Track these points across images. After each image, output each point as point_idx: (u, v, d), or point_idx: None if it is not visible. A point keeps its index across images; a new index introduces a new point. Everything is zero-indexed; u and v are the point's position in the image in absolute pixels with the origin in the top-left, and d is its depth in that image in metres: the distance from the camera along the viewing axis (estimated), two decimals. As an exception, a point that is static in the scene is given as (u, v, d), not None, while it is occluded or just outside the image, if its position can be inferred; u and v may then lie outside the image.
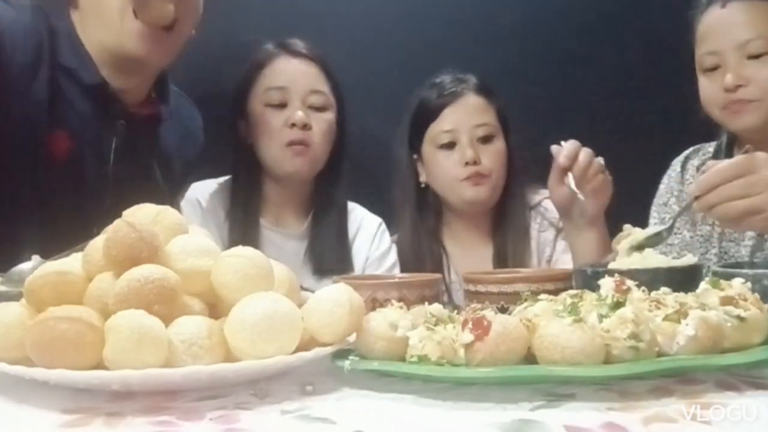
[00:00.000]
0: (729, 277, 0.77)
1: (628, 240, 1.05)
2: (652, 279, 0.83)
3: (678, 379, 0.66)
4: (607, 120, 1.90)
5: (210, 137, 1.57)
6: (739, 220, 1.07)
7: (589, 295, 0.74)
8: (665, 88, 1.84)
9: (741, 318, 0.68)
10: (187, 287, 0.69)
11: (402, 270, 1.59)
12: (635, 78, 1.90)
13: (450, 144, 1.58)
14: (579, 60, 1.91)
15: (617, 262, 1.01)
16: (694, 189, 1.10)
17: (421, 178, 1.65)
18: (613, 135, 1.87)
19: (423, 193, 1.66)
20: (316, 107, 1.53)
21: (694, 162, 1.58)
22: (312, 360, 0.69)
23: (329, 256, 1.55)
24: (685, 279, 0.86)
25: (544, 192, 1.64)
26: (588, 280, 0.91)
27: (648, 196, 1.60)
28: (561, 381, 0.64)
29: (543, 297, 0.76)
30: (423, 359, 0.66)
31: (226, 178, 1.60)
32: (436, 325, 0.68)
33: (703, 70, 1.41)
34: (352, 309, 0.70)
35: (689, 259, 0.96)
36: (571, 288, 0.89)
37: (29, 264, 0.91)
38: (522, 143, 1.66)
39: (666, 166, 1.62)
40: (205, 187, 1.59)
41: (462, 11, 1.94)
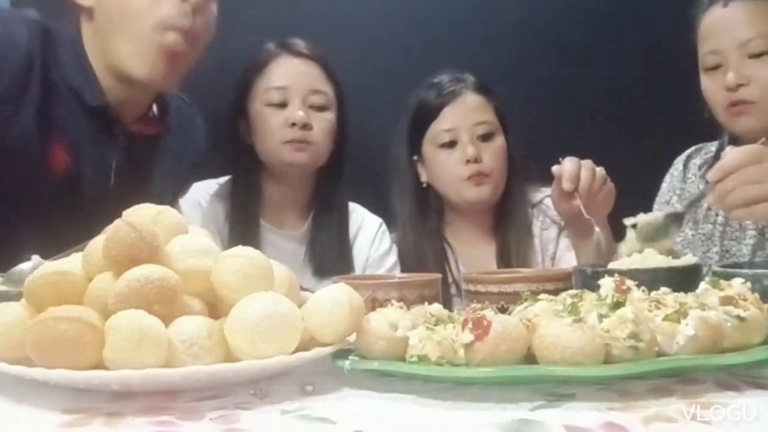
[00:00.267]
0: (729, 277, 0.77)
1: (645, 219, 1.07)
2: (652, 279, 0.83)
3: (678, 379, 0.66)
4: (608, 119, 1.91)
5: (210, 137, 1.57)
6: (753, 205, 1.06)
7: (589, 295, 0.74)
8: (665, 87, 1.84)
9: (741, 318, 0.68)
10: (187, 287, 0.69)
11: (404, 270, 1.59)
12: (635, 78, 1.91)
13: (451, 143, 1.59)
14: (579, 60, 1.92)
15: (617, 261, 1.00)
16: (712, 175, 1.09)
17: (422, 178, 1.65)
18: (614, 134, 1.88)
19: (424, 193, 1.66)
20: (316, 107, 1.53)
21: (696, 161, 1.58)
22: (312, 360, 0.69)
23: (329, 256, 1.55)
24: (685, 279, 0.86)
25: (545, 190, 1.64)
26: (588, 280, 0.91)
27: (649, 195, 1.61)
28: (561, 381, 0.64)
29: (543, 297, 0.76)
30: (423, 359, 0.66)
31: (226, 178, 1.60)
32: (436, 325, 0.68)
33: (705, 69, 1.41)
34: (352, 309, 0.70)
35: (689, 259, 0.95)
36: (571, 288, 0.90)
37: (29, 264, 0.91)
38: (522, 143, 1.66)
39: (666, 165, 1.62)
40: (205, 188, 1.59)
41: (462, 11, 1.94)
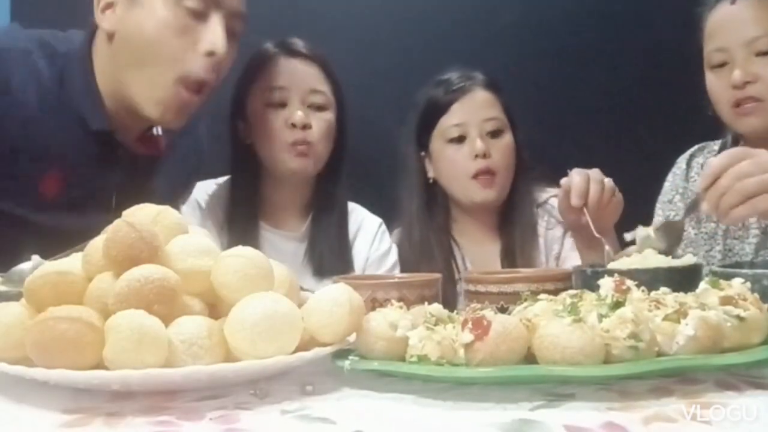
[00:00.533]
0: (728, 277, 0.77)
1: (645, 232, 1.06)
2: (651, 279, 0.83)
3: (678, 379, 0.66)
4: (609, 119, 1.90)
5: (209, 137, 1.57)
6: (753, 198, 1.04)
7: (589, 295, 0.74)
8: (666, 86, 1.84)
9: (741, 318, 0.68)
10: (187, 287, 0.69)
11: (411, 266, 1.59)
12: (636, 77, 1.91)
13: (459, 138, 1.59)
14: (579, 59, 1.92)
15: (617, 261, 1.01)
16: (701, 182, 1.08)
17: (429, 174, 1.66)
18: (614, 134, 1.88)
19: (431, 190, 1.67)
20: (316, 107, 1.53)
21: (699, 160, 1.58)
22: (312, 360, 0.69)
23: (329, 257, 1.55)
24: (685, 279, 0.86)
25: (550, 190, 1.64)
26: (588, 280, 0.91)
27: (650, 195, 1.60)
28: (561, 381, 0.64)
29: (543, 297, 0.76)
30: (423, 359, 0.66)
31: (225, 178, 1.60)
32: (436, 325, 0.68)
33: (711, 66, 1.39)
34: (352, 309, 0.70)
35: (689, 259, 0.96)
36: (571, 288, 0.90)
37: (29, 264, 0.91)
38: (524, 143, 1.66)
39: (667, 164, 1.62)
40: (205, 188, 1.59)
41: (462, 11, 1.94)
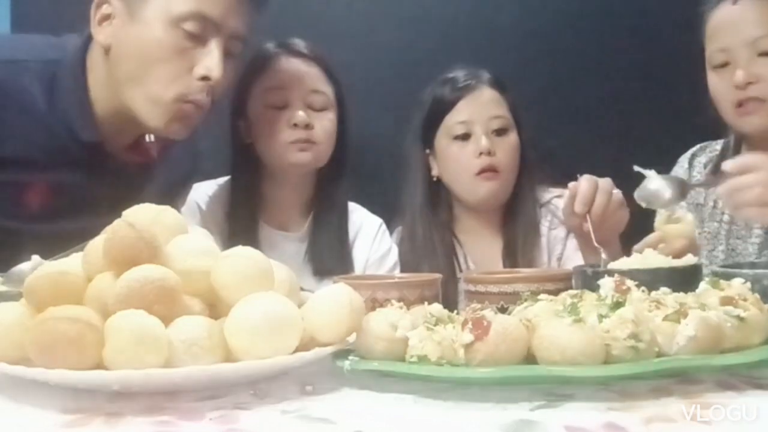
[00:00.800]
0: (729, 277, 0.77)
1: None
2: (652, 279, 0.83)
3: (678, 379, 0.66)
4: (609, 118, 1.90)
5: (209, 137, 1.57)
6: (767, 207, 1.06)
7: (589, 295, 0.74)
8: (667, 87, 1.84)
9: (741, 318, 0.68)
10: (187, 287, 0.69)
11: (412, 263, 1.59)
12: (637, 77, 1.90)
13: (464, 135, 1.59)
14: (579, 59, 1.91)
15: (617, 261, 1.01)
16: (730, 165, 1.10)
17: (434, 172, 1.66)
18: (615, 134, 1.87)
19: (435, 188, 1.67)
20: (317, 107, 1.53)
21: (701, 159, 1.57)
22: (312, 360, 0.69)
23: (329, 257, 1.55)
24: (685, 279, 0.86)
25: (554, 190, 1.64)
26: (588, 280, 0.91)
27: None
28: (561, 381, 0.64)
29: (543, 297, 0.76)
30: (423, 359, 0.66)
31: (225, 178, 1.60)
32: (436, 325, 0.68)
33: (713, 66, 1.39)
34: (352, 309, 0.70)
35: (689, 259, 0.96)
36: (571, 288, 0.89)
37: (29, 264, 0.91)
38: (529, 142, 1.66)
39: (668, 164, 1.62)
40: (204, 188, 1.59)
41: (463, 12, 1.94)
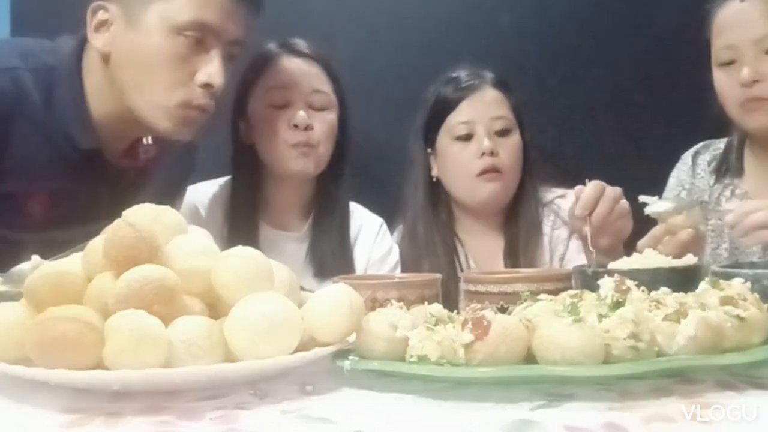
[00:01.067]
0: (729, 277, 0.77)
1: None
2: (652, 279, 0.83)
3: (678, 379, 0.66)
4: (609, 119, 1.90)
5: (210, 137, 1.57)
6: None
7: (589, 295, 0.74)
8: (668, 86, 1.84)
9: (741, 318, 0.68)
10: (187, 287, 0.69)
11: (413, 262, 1.59)
12: (640, 76, 1.90)
13: (467, 136, 1.58)
14: (580, 58, 1.91)
15: (617, 261, 1.00)
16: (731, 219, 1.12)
17: (433, 172, 1.65)
18: (615, 133, 1.87)
19: (436, 187, 1.66)
20: (318, 107, 1.52)
21: (705, 157, 1.57)
22: (312, 360, 0.69)
23: (330, 257, 1.55)
24: (685, 279, 0.86)
25: (556, 190, 1.64)
26: (588, 280, 0.91)
27: (651, 194, 1.60)
28: (561, 381, 0.64)
29: (543, 297, 0.76)
30: (423, 359, 0.66)
31: (225, 179, 1.60)
32: (436, 325, 0.68)
33: (719, 64, 1.38)
34: (352, 309, 0.70)
35: (689, 259, 0.96)
36: (571, 288, 0.89)
37: (29, 264, 0.91)
38: (532, 142, 1.66)
39: (668, 164, 1.61)
40: (205, 189, 1.59)
41: (463, 12, 1.94)
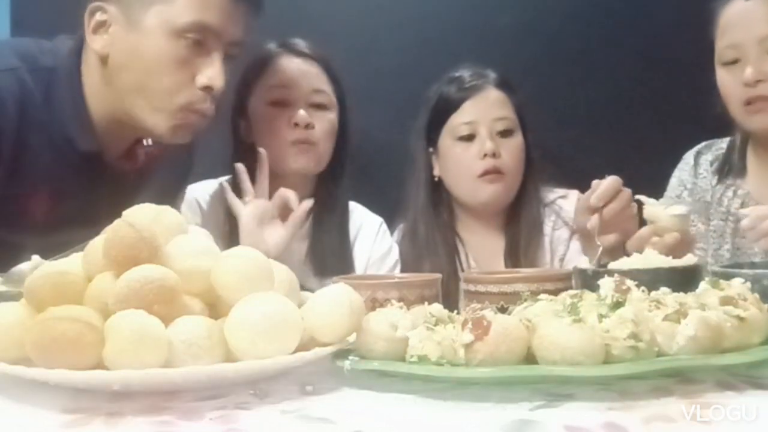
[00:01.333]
0: (729, 277, 0.77)
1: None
2: (652, 279, 0.83)
3: (678, 379, 0.66)
4: (609, 118, 1.90)
5: (210, 137, 1.57)
6: None
7: (589, 295, 0.74)
8: (668, 86, 1.84)
9: (741, 318, 0.68)
10: (187, 287, 0.69)
11: (413, 262, 1.59)
12: (641, 76, 1.90)
13: (469, 136, 1.58)
14: (580, 58, 1.91)
15: (617, 261, 1.00)
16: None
17: (435, 171, 1.65)
18: (615, 133, 1.87)
19: (437, 186, 1.66)
20: (318, 107, 1.53)
21: (707, 157, 1.57)
22: (312, 360, 0.69)
23: (331, 256, 1.55)
24: (685, 279, 0.86)
25: (558, 191, 1.64)
26: (588, 280, 0.91)
27: (651, 194, 1.60)
28: (561, 381, 0.64)
29: (543, 297, 0.76)
30: (423, 359, 0.66)
31: (226, 178, 1.60)
32: (436, 325, 0.68)
33: (723, 63, 1.38)
34: (352, 309, 0.70)
35: (689, 259, 0.96)
36: (571, 288, 0.89)
37: (29, 264, 0.91)
38: (535, 143, 1.66)
39: (668, 164, 1.61)
40: (205, 188, 1.59)
41: (463, 12, 1.94)
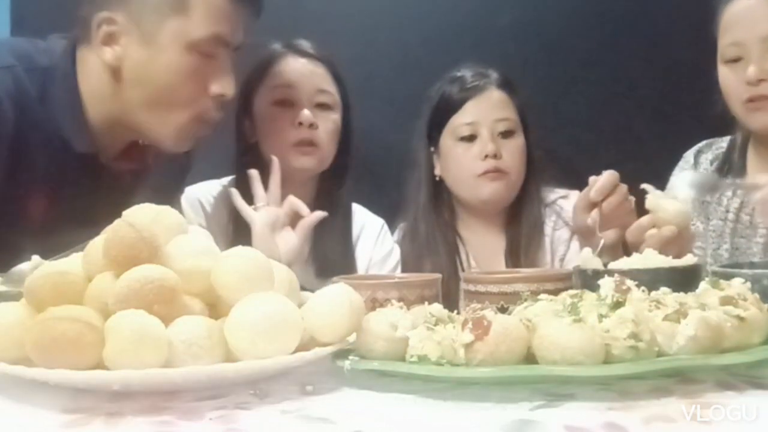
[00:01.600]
0: (729, 277, 0.77)
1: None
2: (652, 279, 0.83)
3: (678, 379, 0.66)
4: (609, 118, 1.90)
5: (213, 137, 1.57)
6: None
7: (589, 295, 0.74)
8: (672, 84, 1.84)
9: (741, 318, 0.68)
10: (187, 287, 0.69)
11: (414, 261, 1.59)
12: (641, 76, 1.90)
13: (470, 137, 1.58)
14: (580, 58, 1.91)
15: (617, 261, 1.00)
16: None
17: (436, 171, 1.65)
18: (620, 132, 1.88)
19: (439, 186, 1.66)
20: (322, 107, 1.53)
21: (708, 156, 1.56)
22: (312, 360, 0.69)
23: (333, 257, 1.54)
24: (685, 279, 0.86)
25: (559, 191, 1.64)
26: (588, 280, 0.91)
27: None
28: (561, 381, 0.64)
29: (543, 297, 0.76)
30: (423, 359, 0.66)
31: (229, 178, 1.60)
32: (436, 325, 0.68)
33: (725, 61, 1.37)
34: (352, 309, 0.70)
35: (689, 259, 0.96)
36: (571, 288, 0.89)
37: (29, 264, 0.91)
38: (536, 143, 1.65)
39: (668, 164, 1.61)
40: (208, 188, 1.59)
41: (465, 12, 1.94)
